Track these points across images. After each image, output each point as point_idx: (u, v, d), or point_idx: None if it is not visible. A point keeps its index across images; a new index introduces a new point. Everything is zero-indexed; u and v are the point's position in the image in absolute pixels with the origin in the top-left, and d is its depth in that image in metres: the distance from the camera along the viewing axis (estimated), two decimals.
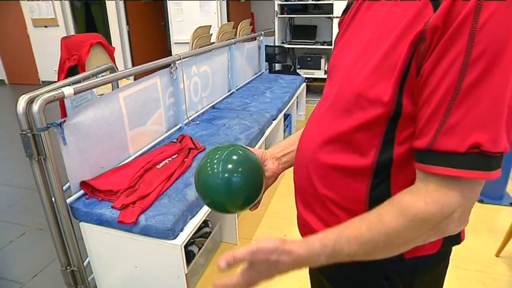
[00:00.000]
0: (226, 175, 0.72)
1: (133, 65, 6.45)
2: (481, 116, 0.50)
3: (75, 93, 1.59)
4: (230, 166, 0.73)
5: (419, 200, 0.55)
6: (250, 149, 0.83)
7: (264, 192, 0.81)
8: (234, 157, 0.75)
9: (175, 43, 5.66)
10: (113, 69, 2.28)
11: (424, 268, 0.70)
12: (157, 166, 1.85)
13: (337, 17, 4.43)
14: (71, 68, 2.56)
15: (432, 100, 0.53)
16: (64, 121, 1.57)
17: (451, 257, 0.75)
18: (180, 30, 5.58)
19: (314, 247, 0.60)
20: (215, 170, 0.73)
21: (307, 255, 0.60)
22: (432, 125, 0.53)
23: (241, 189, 0.74)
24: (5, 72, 7.41)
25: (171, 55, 6.25)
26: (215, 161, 0.74)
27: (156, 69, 2.19)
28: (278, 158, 0.87)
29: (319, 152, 0.69)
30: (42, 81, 7.13)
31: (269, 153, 0.87)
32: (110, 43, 6.18)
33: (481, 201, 2.57)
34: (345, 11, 0.79)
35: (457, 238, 0.69)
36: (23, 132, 1.45)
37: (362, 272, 0.72)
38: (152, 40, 6.73)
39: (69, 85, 1.65)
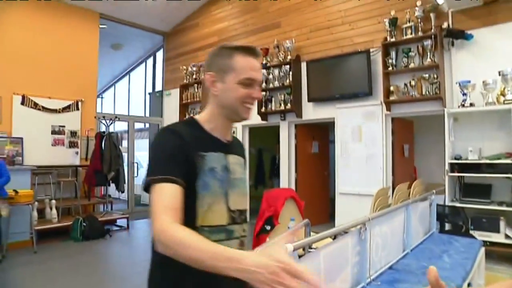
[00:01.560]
0: None
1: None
2: None
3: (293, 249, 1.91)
4: None
5: None
6: None
7: None
8: None
9: (340, 193, 6.03)
10: (308, 224, 2.62)
11: None
12: None
13: None
14: (268, 217, 3.02)
15: None
16: None
17: None
18: (345, 181, 5.99)
19: None
20: None
21: None
22: None
23: None
24: None
25: (333, 203, 6.46)
26: None
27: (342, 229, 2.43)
28: None
29: None
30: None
31: None
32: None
33: None
34: None
35: None
36: None
37: None
38: (316, 187, 7.30)
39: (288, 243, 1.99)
